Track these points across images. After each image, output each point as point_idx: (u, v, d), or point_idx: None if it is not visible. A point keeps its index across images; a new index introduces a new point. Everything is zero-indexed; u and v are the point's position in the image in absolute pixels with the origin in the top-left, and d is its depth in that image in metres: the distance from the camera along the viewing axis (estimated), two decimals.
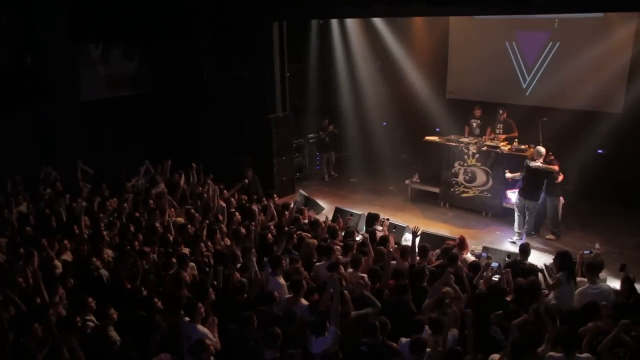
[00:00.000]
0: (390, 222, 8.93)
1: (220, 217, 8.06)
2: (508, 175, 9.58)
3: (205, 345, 4.53)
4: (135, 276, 5.91)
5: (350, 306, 5.49)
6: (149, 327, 4.94)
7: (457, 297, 5.70)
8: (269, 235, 7.36)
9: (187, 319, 5.08)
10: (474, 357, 4.71)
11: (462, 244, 7.30)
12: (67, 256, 6.76)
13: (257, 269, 6.22)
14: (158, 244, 6.95)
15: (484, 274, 6.27)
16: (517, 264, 6.72)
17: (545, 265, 6.45)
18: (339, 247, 7.05)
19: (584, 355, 4.68)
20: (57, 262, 6.49)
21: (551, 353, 4.68)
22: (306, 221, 8.29)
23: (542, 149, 9.16)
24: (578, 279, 6.27)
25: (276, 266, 6.21)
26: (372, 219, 8.16)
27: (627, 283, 5.98)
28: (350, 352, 4.89)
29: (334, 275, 5.60)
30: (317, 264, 6.59)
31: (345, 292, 5.56)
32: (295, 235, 7.32)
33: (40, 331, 4.75)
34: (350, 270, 6.43)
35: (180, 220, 7.85)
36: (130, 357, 4.69)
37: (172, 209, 8.34)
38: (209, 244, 7.04)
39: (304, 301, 5.69)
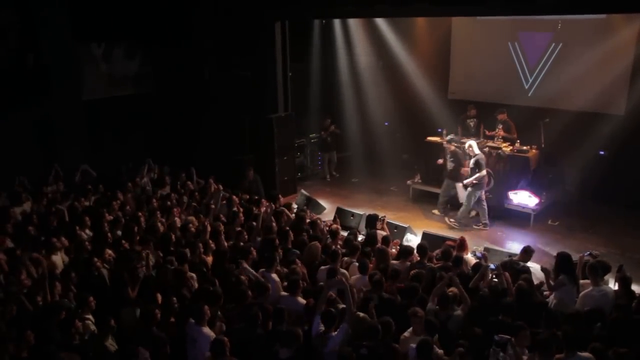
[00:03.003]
0: (391, 222, 8.96)
1: (222, 217, 8.07)
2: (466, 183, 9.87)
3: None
4: (135, 280, 5.90)
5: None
6: (144, 339, 4.93)
7: (463, 299, 5.71)
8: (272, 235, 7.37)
9: (192, 320, 5.09)
10: None
11: (462, 245, 7.29)
12: (67, 255, 6.77)
13: (251, 270, 6.27)
14: (154, 243, 6.95)
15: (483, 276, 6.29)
16: (512, 264, 6.73)
17: (545, 268, 6.44)
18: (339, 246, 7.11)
19: (585, 354, 4.70)
20: (57, 258, 6.51)
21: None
22: (308, 220, 8.29)
23: (474, 142, 9.95)
24: (581, 281, 6.27)
25: (270, 264, 6.29)
26: (372, 221, 8.13)
27: (624, 283, 5.97)
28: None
29: (339, 277, 5.68)
30: (322, 267, 6.58)
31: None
32: (291, 234, 7.34)
33: (32, 338, 4.73)
34: (357, 275, 6.42)
35: (192, 219, 7.86)
36: None
37: (177, 210, 8.34)
38: (211, 243, 7.03)
39: (301, 300, 5.74)
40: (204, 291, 5.61)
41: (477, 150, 9.82)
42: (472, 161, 9.76)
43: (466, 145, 9.98)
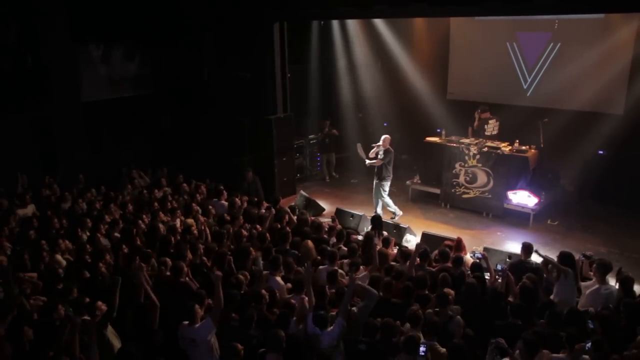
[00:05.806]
0: (390, 223, 8.97)
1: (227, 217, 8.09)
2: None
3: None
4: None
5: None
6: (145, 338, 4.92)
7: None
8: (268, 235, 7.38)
9: (185, 322, 5.07)
10: None
11: (459, 246, 7.29)
12: (67, 257, 6.76)
13: (261, 267, 6.27)
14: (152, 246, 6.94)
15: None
16: (523, 264, 6.72)
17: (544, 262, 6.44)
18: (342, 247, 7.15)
19: (587, 357, 4.70)
20: (60, 258, 6.50)
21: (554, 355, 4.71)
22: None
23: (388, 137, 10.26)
24: (582, 283, 6.27)
25: (275, 266, 6.29)
26: (379, 222, 8.11)
27: (627, 284, 5.96)
28: (348, 350, 4.95)
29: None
30: (320, 267, 6.59)
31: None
32: (290, 236, 7.34)
33: (31, 333, 4.72)
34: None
35: (191, 221, 7.86)
36: None
37: (179, 212, 8.33)
38: (214, 244, 7.02)
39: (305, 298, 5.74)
40: (194, 293, 5.60)
41: (387, 145, 10.13)
42: (382, 151, 10.08)
43: (382, 138, 10.19)
